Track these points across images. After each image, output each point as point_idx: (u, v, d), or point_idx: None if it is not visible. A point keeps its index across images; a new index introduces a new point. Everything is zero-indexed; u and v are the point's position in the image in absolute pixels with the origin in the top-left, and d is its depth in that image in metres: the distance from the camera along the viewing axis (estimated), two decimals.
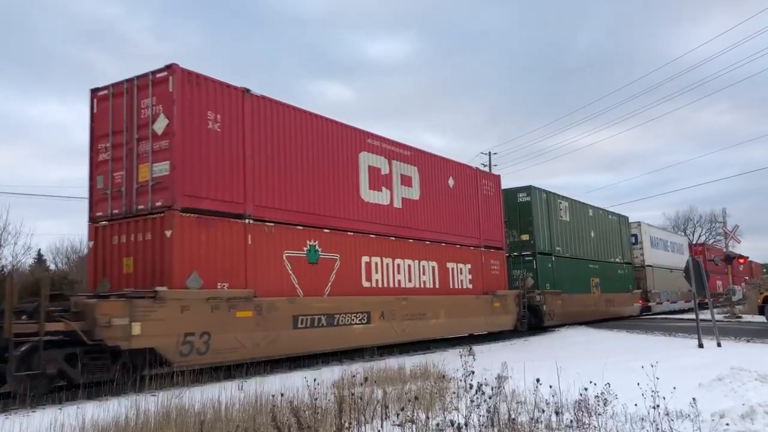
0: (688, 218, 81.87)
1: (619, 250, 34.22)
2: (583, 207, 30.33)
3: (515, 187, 25.68)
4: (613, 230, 33.85)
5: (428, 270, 18.64)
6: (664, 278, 40.70)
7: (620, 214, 35.68)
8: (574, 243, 28.54)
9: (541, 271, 25.06)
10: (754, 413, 6.75)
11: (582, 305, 28.14)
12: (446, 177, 20.16)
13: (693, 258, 17.65)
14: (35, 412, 8.47)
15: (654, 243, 39.95)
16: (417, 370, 10.48)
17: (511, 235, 24.80)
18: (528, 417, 5.94)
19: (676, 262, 43.34)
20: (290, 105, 14.67)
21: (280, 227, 13.77)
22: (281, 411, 6.14)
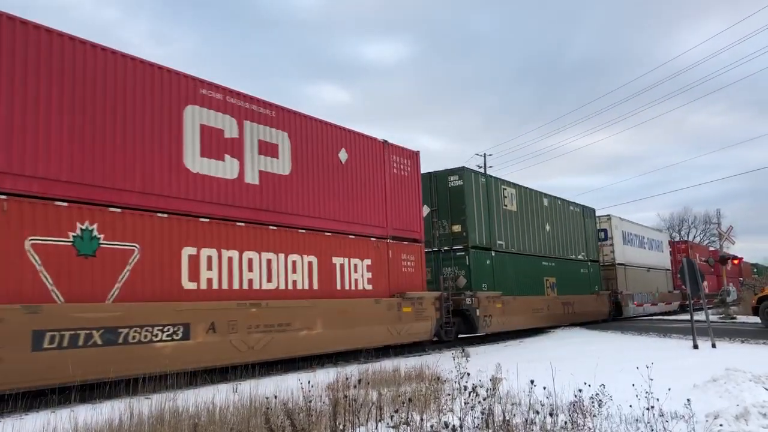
0: (682, 219, 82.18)
1: (582, 245, 30.02)
2: (537, 196, 26.13)
3: (447, 169, 21.58)
4: (575, 223, 29.63)
5: (301, 267, 14.25)
6: (639, 278, 36.92)
7: (585, 206, 31.37)
8: (523, 237, 24.43)
9: (476, 269, 20.76)
10: (748, 414, 6.76)
11: (531, 309, 23.95)
12: (335, 148, 15.89)
13: (688, 258, 17.67)
14: (27, 416, 8.43)
15: (627, 239, 36.19)
16: (412, 372, 10.47)
17: (441, 227, 21.12)
18: (522, 418, 5.93)
19: (655, 260, 40.79)
20: (53, 29, 10.35)
21: (23, 202, 9.56)
22: (275, 413, 6.11)
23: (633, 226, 38.15)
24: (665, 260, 43.43)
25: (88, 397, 9.66)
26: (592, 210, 32.24)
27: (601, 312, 31.00)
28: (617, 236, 34.56)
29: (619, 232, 34.89)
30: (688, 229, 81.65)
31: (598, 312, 30.55)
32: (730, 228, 45.32)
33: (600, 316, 30.78)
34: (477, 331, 20.01)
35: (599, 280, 31.60)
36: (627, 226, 36.65)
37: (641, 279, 37.16)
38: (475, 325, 19.82)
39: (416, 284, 18.14)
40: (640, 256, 37.84)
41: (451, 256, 20.88)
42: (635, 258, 36.77)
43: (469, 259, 20.64)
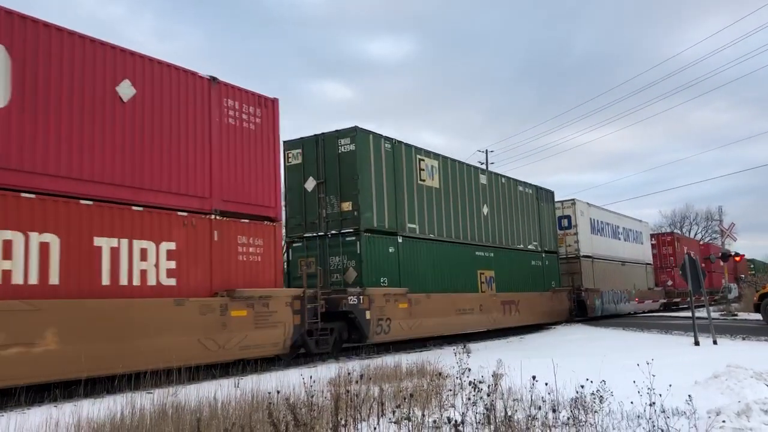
0: (684, 216, 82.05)
1: (535, 234, 25.29)
2: (471, 171, 21.64)
3: (336, 130, 16.93)
4: (526, 207, 24.93)
5: (23, 250, 9.36)
6: (611, 273, 32.62)
7: (541, 188, 26.55)
8: (449, 220, 19.77)
9: (371, 259, 16.22)
10: (749, 410, 6.76)
11: (454, 309, 19.15)
12: (111, 79, 11.01)
13: (689, 255, 17.67)
14: (30, 410, 8.46)
15: (597, 228, 31.80)
16: (413, 368, 10.49)
17: (329, 204, 16.62)
18: (524, 414, 5.94)
19: (632, 253, 37.14)
20: None
21: None
22: (277, 408, 6.13)
23: (605, 214, 33.89)
24: (645, 253, 40.22)
25: (91, 391, 9.68)
26: (550, 193, 27.35)
27: (558, 312, 26.46)
28: (583, 224, 30.10)
29: (585, 220, 30.45)
30: (690, 226, 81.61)
31: (553, 312, 25.99)
32: (732, 225, 45.38)
33: (556, 317, 26.31)
34: (366, 338, 15.55)
35: (558, 275, 27.04)
36: (597, 213, 32.42)
37: (614, 274, 33.16)
38: (364, 332, 15.45)
39: (264, 279, 13.39)
40: (612, 247, 33.82)
41: (339, 242, 16.36)
42: (607, 250, 32.65)
43: (361, 245, 16.06)
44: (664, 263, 43.30)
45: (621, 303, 33.23)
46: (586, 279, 29.31)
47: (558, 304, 26.41)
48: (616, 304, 32.54)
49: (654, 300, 39.38)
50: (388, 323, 16.20)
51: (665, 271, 42.95)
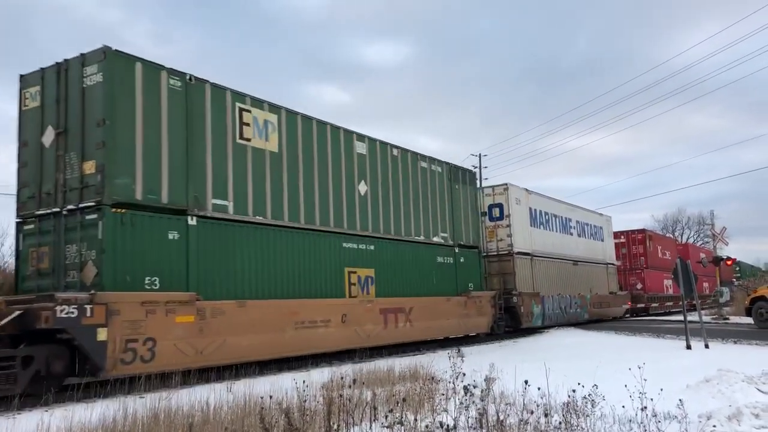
0: (676, 220, 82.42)
1: (444, 223, 20.08)
2: (337, 135, 16.14)
3: (82, 53, 11.59)
4: (432, 189, 19.72)
5: None
6: (558, 274, 27.65)
7: (456, 165, 21.68)
8: (294, 198, 14.67)
9: (123, 248, 11.06)
10: (740, 414, 6.80)
11: (291, 323, 13.94)
12: None
13: (681, 259, 17.76)
14: (21, 414, 8.40)
15: (539, 220, 26.84)
16: (406, 372, 10.49)
17: (69, 166, 11.46)
18: (517, 419, 5.95)
19: (588, 251, 32.02)
20: None
21: None
22: (270, 413, 6.12)
23: (551, 204, 28.69)
24: (607, 252, 35.24)
25: (83, 396, 9.64)
26: (469, 173, 22.39)
27: (475, 322, 20.89)
28: (520, 214, 25.13)
29: (522, 210, 25.52)
30: (682, 230, 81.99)
31: (466, 322, 20.42)
32: (724, 229, 45.44)
33: (472, 329, 20.92)
34: (101, 371, 10.24)
35: (479, 276, 21.75)
36: (539, 202, 27.25)
37: (563, 275, 28.21)
38: (95, 361, 10.17)
39: None
40: (561, 243, 28.66)
41: (77, 223, 11.13)
42: (553, 246, 27.64)
43: (104, 227, 10.80)
44: (634, 264, 39.47)
45: (572, 309, 28.15)
46: (522, 281, 24.22)
47: (474, 312, 20.76)
48: (565, 310, 27.56)
49: (617, 305, 34.92)
50: (150, 346, 10.90)
51: (635, 273, 39.08)
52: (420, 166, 19.46)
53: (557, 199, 30.03)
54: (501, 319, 22.70)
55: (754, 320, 23.31)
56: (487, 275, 23.11)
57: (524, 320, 23.82)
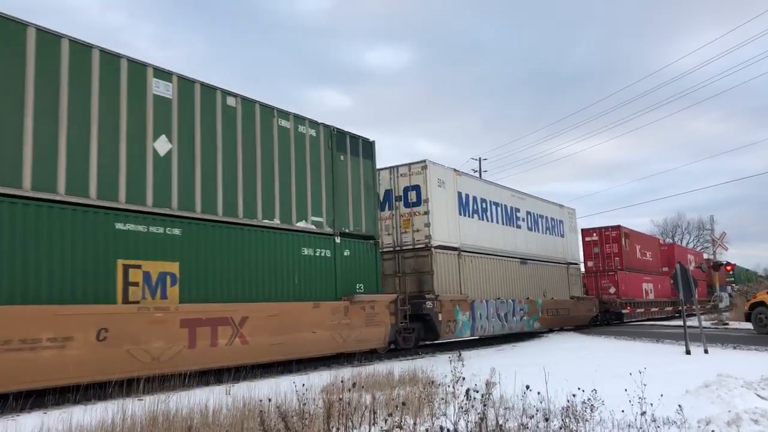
0: (676, 225, 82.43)
1: (318, 203, 15.40)
2: (112, 64, 11.30)
3: None
4: (296, 156, 14.91)
5: None
6: (496, 275, 22.95)
7: (342, 131, 16.46)
8: None
9: None
10: (739, 420, 6.80)
11: None
12: None
13: (681, 264, 17.76)
14: (20, 416, 8.40)
15: (472, 208, 22.16)
16: (405, 376, 10.48)
17: None
18: (516, 423, 5.95)
19: (543, 247, 27.18)
20: None
21: None
22: (269, 416, 6.12)
23: (491, 190, 23.95)
24: (569, 250, 30.25)
25: (82, 398, 9.63)
26: (366, 144, 17.26)
27: (362, 335, 15.83)
28: (443, 200, 20.24)
29: (448, 194, 20.64)
30: (682, 235, 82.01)
31: (343, 337, 15.19)
32: (723, 234, 45.42)
33: (353, 344, 15.59)
34: None
35: (375, 274, 16.96)
36: (473, 186, 22.60)
37: (506, 276, 23.69)
38: None
39: None
40: (504, 238, 23.94)
41: None
42: (491, 240, 22.94)
43: None
44: (607, 265, 34.83)
45: (515, 317, 23.21)
46: (444, 282, 19.52)
47: (361, 322, 15.79)
48: (505, 319, 22.55)
49: (581, 312, 29.85)
50: None
51: (607, 275, 34.42)
52: (278, 125, 14.46)
53: (500, 185, 25.12)
54: (410, 329, 17.95)
55: (754, 326, 23.28)
56: (400, 274, 19.30)
57: (443, 330, 18.71)
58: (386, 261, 19.13)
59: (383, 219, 19.34)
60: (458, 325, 19.55)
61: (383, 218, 19.34)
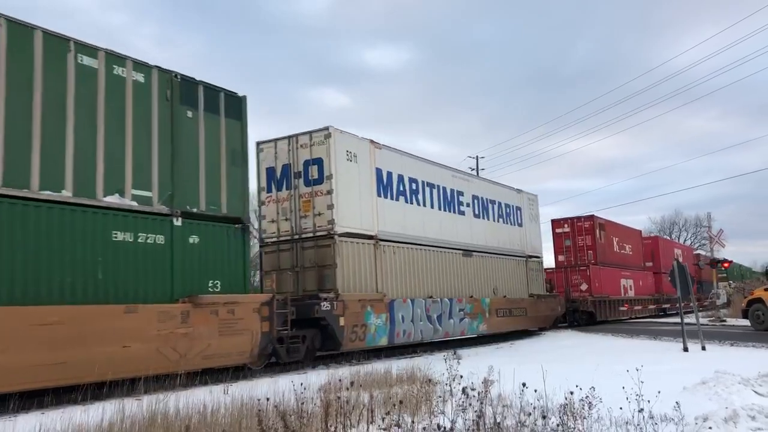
0: (673, 222, 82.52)
1: (146, 171, 11.63)
2: None
3: None
4: (107, 106, 11.05)
5: None
6: (429, 269, 19.29)
7: (185, 76, 12.53)
8: None
9: None
10: (737, 417, 6.82)
11: None
12: None
13: (678, 262, 17.80)
14: (18, 416, 8.39)
15: (397, 188, 18.50)
16: (403, 374, 10.49)
17: None
18: (514, 421, 5.96)
19: (493, 237, 23.23)
20: None
21: None
22: (267, 415, 6.12)
23: (423, 168, 19.96)
24: (529, 241, 26.25)
25: (80, 398, 9.62)
26: (230, 99, 13.51)
27: (214, 348, 11.92)
28: (355, 177, 16.72)
29: (362, 171, 17.03)
30: (679, 232, 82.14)
31: (177, 351, 11.25)
32: (721, 231, 45.54)
33: (198, 361, 11.63)
34: None
35: (243, 270, 13.29)
36: (398, 162, 18.69)
37: (443, 271, 19.95)
38: None
39: None
40: (440, 226, 20.22)
41: None
42: (423, 228, 19.23)
43: None
44: (579, 259, 31.43)
45: (452, 319, 19.55)
46: (354, 277, 16.09)
47: (210, 332, 11.90)
48: (438, 322, 18.81)
49: (542, 312, 26.00)
50: None
51: (578, 270, 30.82)
52: (77, 62, 10.65)
53: (438, 164, 21.13)
54: (298, 338, 14.33)
55: (751, 322, 23.35)
56: (298, 269, 15.97)
57: (347, 339, 15.24)
58: (283, 253, 16.36)
59: (280, 200, 16.56)
60: (370, 331, 16.09)
61: (280, 200, 16.57)
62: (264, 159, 17.03)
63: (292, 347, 14.13)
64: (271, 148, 16.88)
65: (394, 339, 17.12)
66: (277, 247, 16.52)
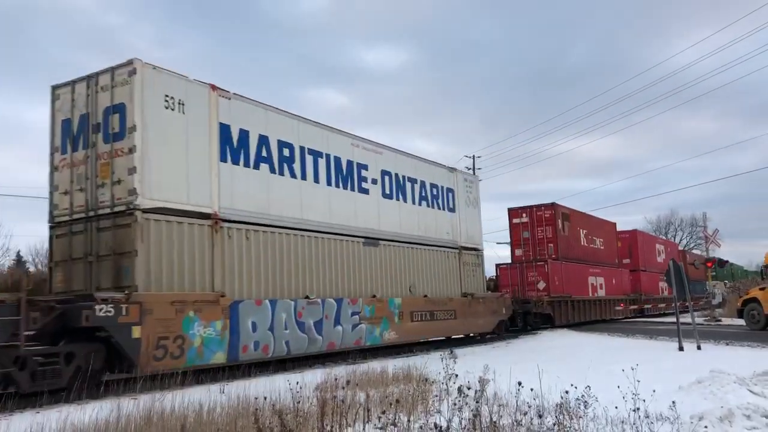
0: (669, 222, 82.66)
1: None
2: None
3: None
4: None
5: None
6: (308, 260, 15.17)
7: None
8: None
9: None
10: (732, 416, 6.84)
11: None
12: None
13: (674, 261, 17.84)
14: (13, 416, 8.37)
15: (256, 153, 14.20)
16: (400, 373, 10.50)
17: None
18: (510, 420, 5.97)
19: (411, 225, 19.11)
20: None
21: None
22: (263, 414, 6.12)
23: (300, 129, 15.51)
24: (463, 229, 21.81)
25: (76, 397, 9.61)
26: None
27: None
28: (179, 131, 12.52)
29: (193, 124, 12.82)
30: (675, 232, 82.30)
31: None
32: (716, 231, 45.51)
33: None
34: None
35: None
36: (257, 117, 14.34)
37: (334, 263, 15.87)
38: None
39: None
40: (328, 206, 15.97)
41: None
42: (298, 207, 15.04)
43: None
44: (538, 253, 27.41)
45: (342, 325, 15.35)
46: (171, 270, 11.96)
47: None
48: (316, 329, 14.57)
49: (479, 316, 21.53)
50: None
51: (535, 267, 26.96)
52: None
53: (328, 126, 16.55)
54: (54, 358, 9.93)
55: (746, 322, 23.42)
56: (93, 258, 11.90)
57: (148, 357, 10.91)
58: (77, 236, 12.11)
59: (76, 164, 12.28)
60: (191, 345, 11.74)
61: (76, 163, 12.28)
62: (60, 109, 12.67)
63: (46, 371, 9.67)
64: (68, 93, 12.55)
65: (239, 354, 12.70)
66: (70, 228, 12.21)
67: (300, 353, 14.35)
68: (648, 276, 38.27)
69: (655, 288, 39.24)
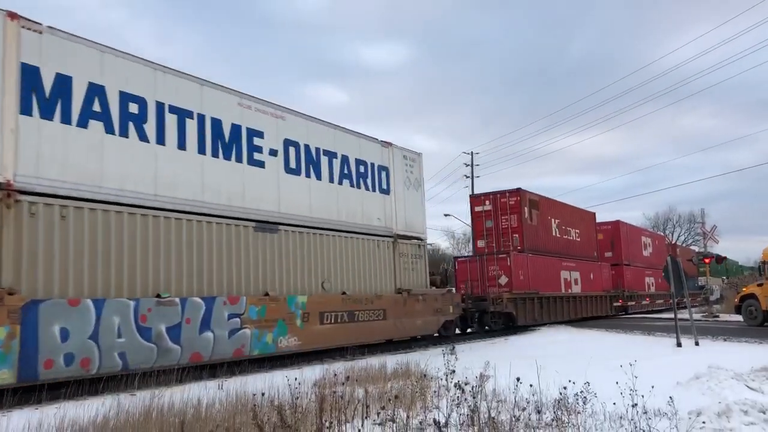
0: (667, 218, 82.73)
1: None
2: None
3: None
4: None
5: None
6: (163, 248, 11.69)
7: None
8: None
9: None
10: (730, 411, 6.86)
11: None
12: None
13: (672, 257, 17.86)
14: (12, 412, 8.37)
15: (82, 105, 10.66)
16: (399, 369, 10.51)
17: None
18: (508, 416, 5.98)
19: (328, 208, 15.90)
20: None
21: None
22: (262, 410, 6.13)
23: (152, 77, 12.00)
24: (400, 215, 18.61)
25: (75, 393, 9.60)
26: None
27: None
28: None
29: None
30: (673, 228, 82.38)
31: None
32: (714, 227, 45.58)
33: None
34: None
35: None
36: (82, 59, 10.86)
37: (201, 253, 12.43)
38: None
39: None
40: (200, 179, 12.67)
41: None
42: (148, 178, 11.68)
43: None
44: (502, 245, 24.59)
45: (213, 331, 12.12)
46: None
47: None
48: (172, 337, 11.37)
49: (414, 317, 18.25)
50: None
51: (497, 260, 23.83)
52: None
53: (207, 81, 13.35)
54: None
55: (744, 318, 23.46)
56: None
57: None
58: None
59: None
60: None
61: None
62: None
63: None
64: None
65: (37, 371, 9.50)
66: None
67: (145, 367, 10.66)
68: (632, 271, 35.43)
69: (640, 284, 36.52)
